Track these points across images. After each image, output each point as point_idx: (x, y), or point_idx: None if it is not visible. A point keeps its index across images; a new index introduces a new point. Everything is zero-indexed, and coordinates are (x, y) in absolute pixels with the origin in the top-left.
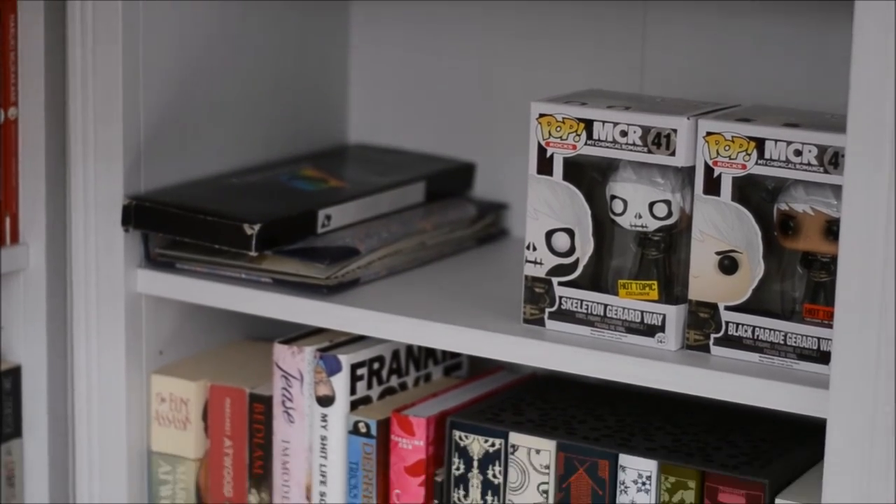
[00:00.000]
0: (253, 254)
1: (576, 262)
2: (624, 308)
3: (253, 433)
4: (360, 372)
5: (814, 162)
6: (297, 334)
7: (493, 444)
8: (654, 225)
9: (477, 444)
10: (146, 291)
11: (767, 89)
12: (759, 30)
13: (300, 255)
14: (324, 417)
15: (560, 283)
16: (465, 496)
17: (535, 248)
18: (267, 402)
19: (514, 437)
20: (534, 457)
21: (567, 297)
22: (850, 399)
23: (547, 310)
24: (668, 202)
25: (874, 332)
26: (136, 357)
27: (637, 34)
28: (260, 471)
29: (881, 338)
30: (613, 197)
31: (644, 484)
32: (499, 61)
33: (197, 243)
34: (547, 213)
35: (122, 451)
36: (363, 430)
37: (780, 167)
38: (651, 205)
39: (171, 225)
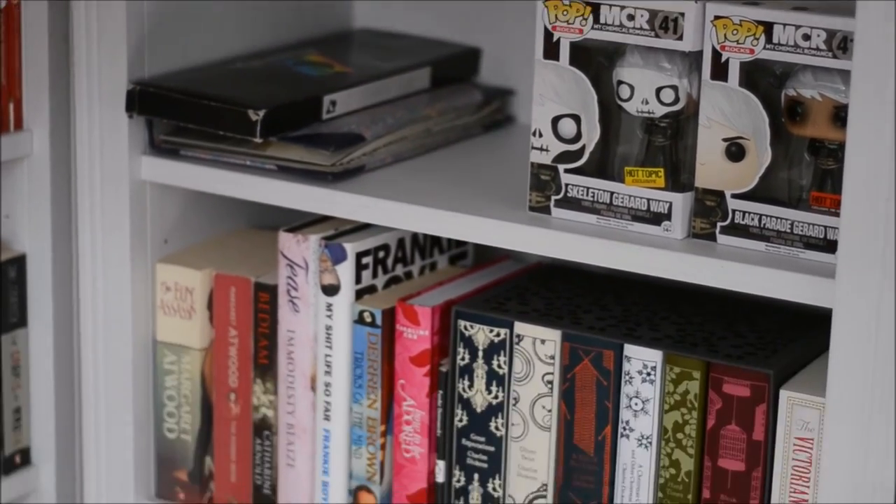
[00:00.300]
0: (257, 140)
1: (582, 149)
2: (630, 196)
3: (258, 323)
4: (365, 261)
5: (822, 46)
6: (302, 222)
7: (498, 334)
8: (660, 111)
9: (482, 334)
10: (150, 179)
11: None
12: None
13: (305, 141)
14: (329, 307)
15: (566, 171)
16: (470, 386)
17: (541, 135)
18: (272, 291)
19: (520, 327)
20: (539, 347)
21: (573, 185)
22: (856, 288)
23: (553, 197)
24: (675, 88)
25: (881, 220)
26: (140, 245)
27: None
28: (265, 361)
29: (888, 226)
30: (620, 82)
31: (649, 375)
32: None
33: (201, 129)
34: (553, 99)
35: (128, 340)
36: (368, 319)
37: (788, 52)
38: (658, 90)
39: (175, 111)
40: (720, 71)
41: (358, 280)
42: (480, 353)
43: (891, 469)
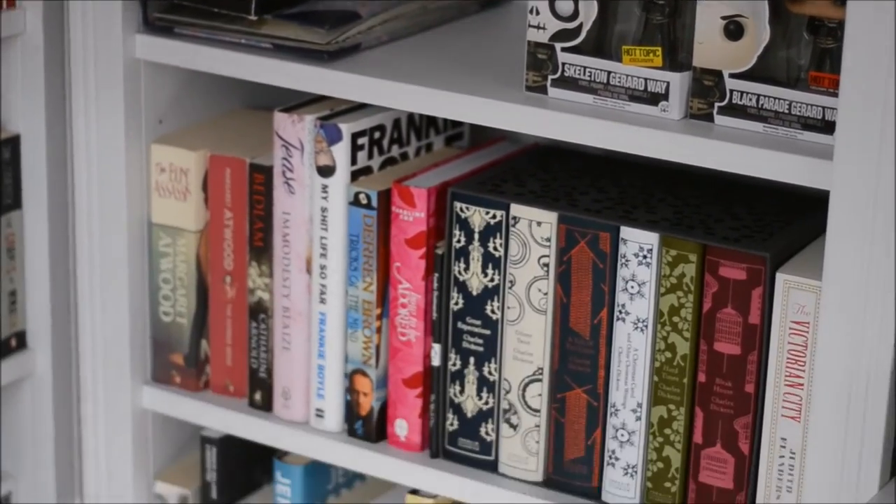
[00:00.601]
0: (252, 17)
1: (579, 27)
2: (627, 75)
3: (253, 204)
4: (360, 141)
5: None
6: (297, 103)
7: (494, 216)
8: None
9: (478, 216)
10: (144, 57)
11: None
12: None
13: (300, 19)
14: (324, 188)
15: (563, 49)
16: (466, 269)
17: (538, 13)
18: (267, 172)
19: (516, 209)
20: (535, 229)
21: (570, 64)
22: (854, 170)
23: (550, 77)
24: None
25: (879, 101)
26: (135, 125)
27: None
28: (260, 243)
29: (886, 106)
30: None
31: (645, 257)
32: None
33: (196, 7)
34: None
35: (122, 222)
36: (364, 201)
37: None
38: None
39: None
40: None
41: (353, 161)
42: (476, 236)
43: (888, 352)
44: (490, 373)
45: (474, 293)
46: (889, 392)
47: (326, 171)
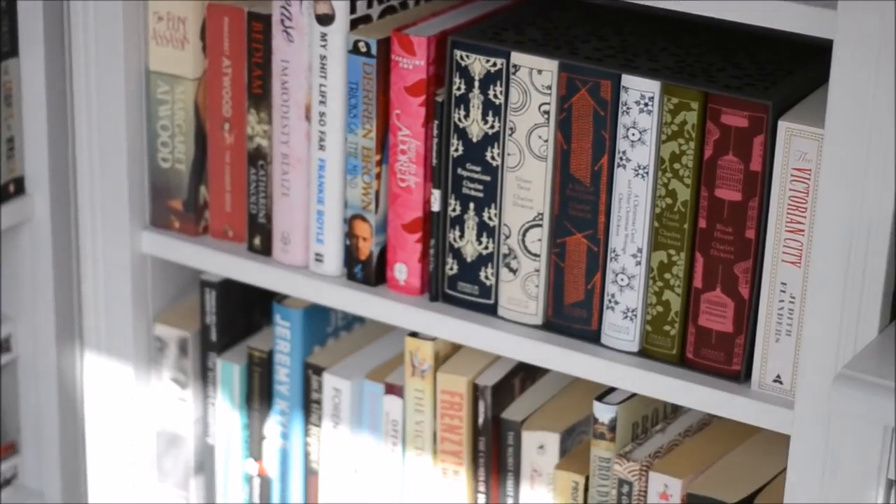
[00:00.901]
0: None
1: None
2: None
3: (252, 52)
4: None
5: None
6: None
7: (494, 64)
8: None
9: (478, 64)
10: None
11: None
12: None
13: None
14: (323, 37)
15: None
16: (466, 116)
17: None
18: (266, 20)
19: (516, 57)
20: (535, 77)
21: None
22: (858, 17)
23: None
24: None
25: None
26: None
27: None
28: (259, 91)
29: None
30: None
31: (647, 105)
32: None
33: None
34: None
35: (120, 69)
36: (363, 49)
37: None
38: None
39: None
40: None
41: (352, 10)
42: (476, 84)
43: (889, 198)
44: (490, 218)
45: (474, 140)
46: (889, 237)
47: (325, 19)
